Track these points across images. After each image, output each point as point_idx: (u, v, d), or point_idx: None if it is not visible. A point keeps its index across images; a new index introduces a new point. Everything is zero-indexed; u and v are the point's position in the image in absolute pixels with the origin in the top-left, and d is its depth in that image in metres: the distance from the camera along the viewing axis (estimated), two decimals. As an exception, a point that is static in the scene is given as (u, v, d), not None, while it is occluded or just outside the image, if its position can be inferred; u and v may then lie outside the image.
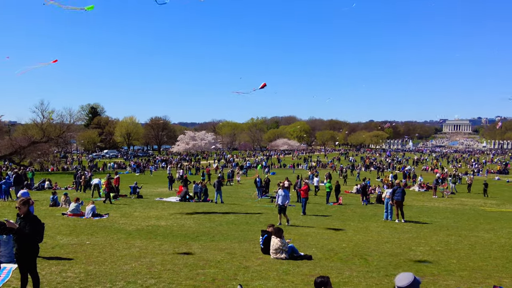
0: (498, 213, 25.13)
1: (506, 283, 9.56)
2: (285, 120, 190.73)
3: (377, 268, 10.46)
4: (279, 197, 18.43)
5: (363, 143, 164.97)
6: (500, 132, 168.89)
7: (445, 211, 25.35)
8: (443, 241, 14.95)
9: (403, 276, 4.30)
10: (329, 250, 12.71)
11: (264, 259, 11.17)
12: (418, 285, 4.25)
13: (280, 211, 18.33)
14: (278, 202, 18.50)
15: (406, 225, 18.90)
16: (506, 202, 32.55)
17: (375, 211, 23.94)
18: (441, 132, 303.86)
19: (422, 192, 39.68)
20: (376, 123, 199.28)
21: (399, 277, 4.30)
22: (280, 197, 18.39)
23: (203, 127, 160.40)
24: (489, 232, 17.37)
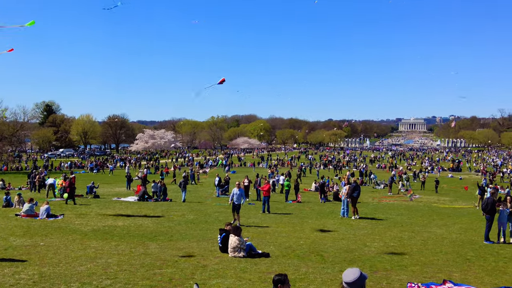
0: (451, 210, 26.03)
1: (456, 277, 9.97)
2: (245, 119, 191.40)
3: (332, 264, 10.71)
4: (234, 196, 18.34)
5: (322, 142, 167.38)
6: (454, 131, 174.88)
7: (399, 207, 26.09)
8: (397, 237, 15.41)
9: (350, 272, 4.41)
10: (287, 247, 12.90)
11: (222, 258, 11.23)
12: (364, 280, 4.37)
13: (234, 209, 18.24)
14: (233, 201, 18.37)
15: (361, 221, 19.35)
16: (459, 198, 33.74)
17: (333, 209, 24.38)
18: (397, 131, 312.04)
19: (378, 189, 40.64)
20: (335, 122, 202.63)
21: (346, 273, 4.42)
22: (235, 196, 18.31)
23: (162, 126, 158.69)
24: (441, 228, 18.00)
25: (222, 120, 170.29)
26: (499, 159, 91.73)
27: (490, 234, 15.05)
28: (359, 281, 4.31)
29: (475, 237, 15.84)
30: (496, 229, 15.27)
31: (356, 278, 4.31)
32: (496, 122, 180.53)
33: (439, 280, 9.50)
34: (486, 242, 14.75)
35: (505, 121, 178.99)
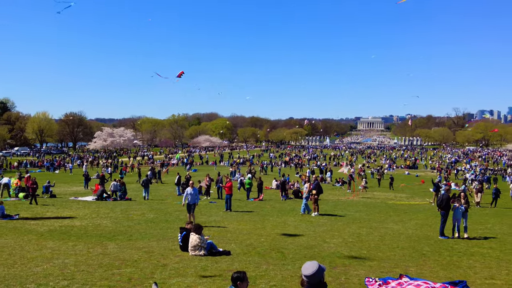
0: (407, 206, 26.73)
1: (412, 272, 10.24)
2: (207, 117, 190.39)
3: (292, 261, 10.81)
4: (189, 196, 17.43)
5: (284, 140, 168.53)
6: (410, 129, 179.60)
7: (358, 204, 26.58)
8: (355, 233, 15.70)
9: (309, 265, 4.52)
10: (248, 245, 12.92)
11: (183, 257, 11.14)
12: (322, 272, 4.51)
13: (190, 210, 17.45)
14: (188, 201, 17.45)
15: (321, 218, 19.61)
16: (415, 195, 34.68)
17: (293, 206, 24.59)
18: (356, 130, 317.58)
19: (338, 186, 41.27)
20: (296, 120, 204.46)
21: (305, 266, 4.53)
22: (189, 196, 17.43)
23: (122, 124, 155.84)
24: (397, 224, 18.45)
25: (183, 118, 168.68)
26: (454, 156, 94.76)
27: (445, 230, 15.55)
28: (317, 274, 4.43)
29: (430, 232, 16.32)
30: (450, 224, 15.79)
31: (314, 271, 4.42)
32: (451, 121, 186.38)
33: (395, 274, 9.72)
34: (441, 237, 15.22)
35: (460, 120, 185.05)
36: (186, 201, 17.48)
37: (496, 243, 14.50)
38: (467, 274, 10.15)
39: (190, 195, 17.45)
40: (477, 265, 11.14)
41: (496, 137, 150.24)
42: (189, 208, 17.45)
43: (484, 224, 19.15)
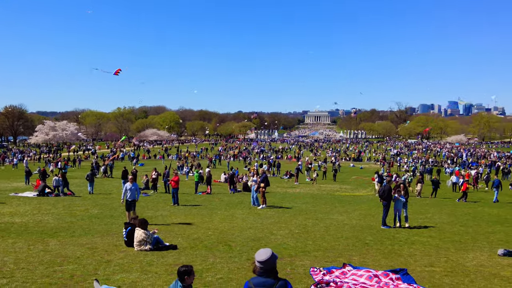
0: (351, 197, 27.43)
1: (355, 261, 10.53)
2: (154, 110, 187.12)
3: (239, 253, 10.85)
4: (128, 192, 15.68)
5: (232, 133, 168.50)
6: (355, 123, 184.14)
7: (305, 196, 27.02)
8: (302, 224, 15.95)
9: (263, 251, 4.65)
10: (195, 238, 12.84)
11: (128, 252, 10.94)
12: (275, 259, 4.65)
13: (129, 207, 15.74)
14: (126, 198, 15.68)
15: (269, 210, 19.79)
16: (359, 187, 35.62)
17: (242, 199, 24.68)
18: (303, 123, 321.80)
19: (286, 179, 41.76)
20: (244, 114, 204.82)
21: (259, 252, 4.66)
22: (128, 192, 15.67)
23: (64, 117, 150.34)
24: (342, 215, 18.91)
25: (129, 111, 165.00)
26: (396, 149, 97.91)
27: (387, 219, 16.07)
28: (271, 260, 4.57)
29: (373, 222, 16.83)
30: (392, 214, 16.34)
31: (268, 257, 4.56)
32: (393, 115, 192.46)
33: (339, 264, 9.98)
34: (383, 227, 15.73)
35: (402, 113, 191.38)
36: (125, 198, 15.77)
37: (436, 231, 15.14)
38: (408, 262, 10.54)
39: (130, 191, 15.74)
40: (417, 253, 11.59)
41: (436, 130, 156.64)
42: (128, 205, 15.76)
43: (425, 214, 19.95)
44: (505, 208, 23.52)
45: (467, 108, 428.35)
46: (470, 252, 11.80)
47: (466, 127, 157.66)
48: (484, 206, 24.14)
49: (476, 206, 23.97)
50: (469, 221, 18.04)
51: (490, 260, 10.93)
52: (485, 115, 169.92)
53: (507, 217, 19.48)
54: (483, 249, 12.26)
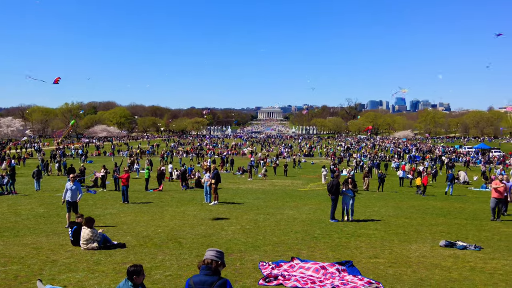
0: (303, 192, 27.84)
1: (303, 254, 10.74)
2: (103, 106, 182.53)
3: (189, 250, 10.84)
4: (68, 192, 14.83)
5: (185, 129, 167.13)
6: (307, 119, 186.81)
7: (257, 192, 27.22)
8: (253, 219, 16.07)
9: (211, 249, 4.88)
10: (144, 236, 12.70)
11: (74, 251, 10.70)
12: (223, 255, 4.88)
13: (69, 208, 14.84)
14: (66, 198, 14.85)
15: (221, 206, 19.80)
16: (310, 182, 36.18)
17: (194, 195, 24.57)
18: (256, 119, 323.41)
19: (238, 175, 41.87)
20: (197, 109, 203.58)
21: (208, 250, 4.87)
22: (69, 192, 14.83)
23: (9, 113, 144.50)
24: (293, 209, 19.19)
25: (77, 107, 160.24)
26: (346, 144, 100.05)
27: (335, 213, 16.45)
28: (220, 254, 4.81)
29: (322, 216, 17.19)
30: (340, 208, 16.73)
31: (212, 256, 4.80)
32: (344, 111, 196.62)
33: (288, 257, 10.16)
34: (331, 220, 16.09)
35: (352, 110, 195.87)
36: (65, 199, 14.95)
37: (382, 224, 15.63)
38: (354, 254, 10.86)
39: (70, 191, 14.88)
40: (363, 245, 11.95)
41: (385, 126, 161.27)
42: (69, 206, 14.86)
43: (371, 207, 20.54)
44: (449, 201, 24.55)
45: (414, 104, 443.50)
46: (413, 244, 12.27)
47: (412, 123, 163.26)
48: (429, 199, 25.09)
49: (422, 199, 24.88)
50: (413, 213, 18.71)
51: (432, 251, 11.40)
52: (431, 111, 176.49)
53: (449, 210, 20.34)
54: (426, 241, 12.77)
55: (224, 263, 4.84)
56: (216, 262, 4.71)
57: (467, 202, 24.17)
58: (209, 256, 4.74)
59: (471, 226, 15.69)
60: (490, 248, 11.94)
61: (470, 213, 19.37)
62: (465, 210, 20.27)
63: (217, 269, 4.70)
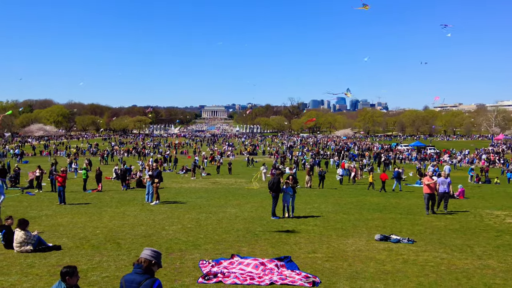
0: (246, 190, 28.01)
1: (244, 251, 10.86)
2: (40, 104, 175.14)
3: (128, 251, 10.68)
4: None
5: (127, 128, 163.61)
6: (251, 118, 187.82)
7: (200, 191, 27.12)
8: (195, 218, 16.03)
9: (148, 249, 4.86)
10: (81, 238, 12.38)
11: (7, 254, 10.29)
12: (160, 255, 4.88)
13: None
14: None
15: (162, 206, 19.59)
16: (254, 180, 36.38)
17: (135, 196, 24.14)
18: (200, 118, 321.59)
19: (181, 174, 41.51)
20: (139, 108, 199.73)
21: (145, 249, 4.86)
22: None
23: None
24: (235, 208, 19.29)
25: (12, 105, 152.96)
26: (289, 142, 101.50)
27: (276, 210, 16.70)
28: (156, 254, 4.79)
29: (264, 214, 17.40)
30: (282, 205, 17.01)
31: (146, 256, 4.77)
32: (287, 110, 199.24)
33: (228, 255, 10.24)
34: (273, 217, 16.32)
35: (294, 109, 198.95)
36: None
37: (321, 220, 16.04)
38: (293, 250, 11.10)
39: None
40: (302, 241, 12.23)
41: (326, 124, 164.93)
42: None
43: (312, 204, 21.00)
44: (385, 196, 25.47)
45: (354, 104, 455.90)
46: (350, 238, 12.69)
47: (352, 122, 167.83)
48: (367, 195, 25.94)
49: (359, 195, 25.69)
50: (351, 209, 19.31)
51: (367, 245, 11.85)
52: (370, 110, 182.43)
53: (385, 205, 21.13)
54: (362, 235, 13.23)
55: (159, 264, 4.83)
56: (149, 261, 4.69)
57: (402, 197, 25.20)
58: (143, 255, 4.73)
59: (405, 220, 16.40)
60: (422, 241, 12.54)
61: (405, 208, 20.22)
62: (400, 205, 21.14)
63: (149, 269, 4.68)
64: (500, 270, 9.46)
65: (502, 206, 21.00)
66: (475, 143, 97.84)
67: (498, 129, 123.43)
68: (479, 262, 10.18)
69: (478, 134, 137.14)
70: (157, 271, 4.83)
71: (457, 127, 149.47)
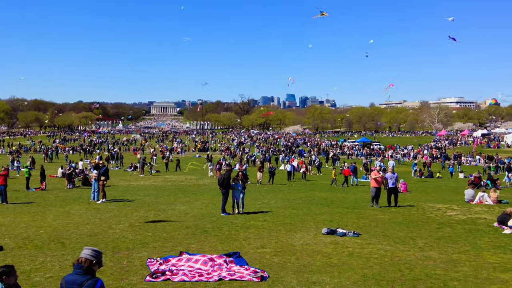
0: (196, 187, 27.87)
1: (193, 248, 10.83)
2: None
3: (73, 250, 10.42)
4: None
5: (72, 125, 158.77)
6: (201, 114, 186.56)
7: (149, 188, 26.74)
8: (143, 216, 15.81)
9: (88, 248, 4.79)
10: (24, 238, 11.96)
11: None
12: (101, 254, 4.81)
13: None
14: None
15: (109, 204, 19.18)
16: (204, 176, 36.25)
17: (80, 194, 23.52)
18: (149, 114, 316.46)
19: (129, 171, 40.76)
20: (85, 104, 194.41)
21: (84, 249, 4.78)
22: None
23: None
24: (185, 205, 19.18)
25: None
26: (240, 139, 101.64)
27: (226, 207, 16.75)
28: (96, 253, 4.73)
29: (214, 210, 17.40)
30: (232, 202, 17.06)
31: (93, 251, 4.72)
32: (237, 106, 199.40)
33: (177, 252, 10.18)
34: (223, 214, 16.37)
35: (245, 105, 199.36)
36: None
37: (270, 216, 16.21)
38: (242, 246, 11.17)
39: None
40: (251, 236, 12.33)
41: (276, 121, 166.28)
42: None
43: (262, 200, 21.19)
44: (333, 191, 26.07)
45: (303, 101, 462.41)
46: (298, 233, 12.91)
47: (302, 118, 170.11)
48: (315, 191, 26.44)
49: (308, 191, 26.14)
50: (300, 204, 19.64)
51: (315, 239, 12.10)
52: (318, 107, 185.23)
53: (333, 200, 21.63)
54: (310, 229, 13.49)
55: (100, 263, 4.77)
56: (90, 261, 4.63)
57: (349, 192, 25.86)
58: (83, 255, 4.66)
59: (351, 214, 16.84)
60: (367, 234, 12.93)
61: (351, 202, 20.77)
62: (347, 200, 21.69)
63: (90, 269, 4.62)
64: (441, 261, 9.89)
65: (443, 200, 21.96)
66: (419, 139, 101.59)
67: (440, 125, 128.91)
68: (421, 253, 10.61)
69: (422, 130, 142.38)
70: (98, 270, 4.77)
71: (401, 123, 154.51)
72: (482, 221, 15.50)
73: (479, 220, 15.79)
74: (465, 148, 76.71)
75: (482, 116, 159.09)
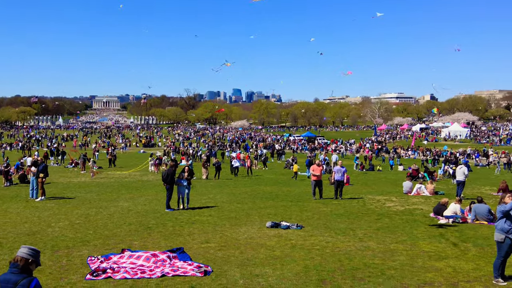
0: (140, 183, 27.41)
1: (136, 245, 10.71)
2: None
3: (10, 250, 10.03)
4: None
5: (10, 120, 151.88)
6: (145, 108, 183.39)
7: (90, 185, 26.03)
8: (84, 214, 15.40)
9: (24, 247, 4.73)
10: (-45, 239, 11.38)
11: None
12: (38, 253, 4.73)
13: None
14: None
15: (48, 202, 18.52)
16: (148, 172, 35.69)
17: (18, 192, 22.58)
18: (91, 108, 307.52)
19: (70, 168, 39.53)
20: (23, 98, 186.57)
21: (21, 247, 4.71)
22: None
23: None
24: (128, 201, 18.83)
25: None
26: (185, 134, 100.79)
27: (171, 202, 16.61)
28: (33, 252, 4.65)
29: (158, 206, 17.21)
30: (176, 197, 16.94)
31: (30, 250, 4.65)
32: (183, 101, 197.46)
33: (119, 250, 10.02)
34: (167, 210, 16.22)
35: (191, 100, 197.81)
36: None
37: (216, 210, 16.24)
38: (186, 241, 11.16)
39: None
40: (196, 232, 12.33)
41: (223, 116, 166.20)
42: None
43: (207, 195, 21.16)
44: (278, 185, 26.40)
45: (249, 95, 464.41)
46: (243, 227, 13.04)
47: (248, 113, 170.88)
48: (260, 184, 26.68)
49: (253, 185, 26.33)
50: (245, 198, 19.78)
51: (259, 232, 12.26)
52: (264, 102, 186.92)
53: (278, 193, 21.92)
54: (254, 223, 13.65)
55: (38, 262, 4.69)
56: (26, 260, 4.53)
57: (293, 186, 26.28)
58: (19, 254, 4.56)
59: (295, 207, 17.17)
60: (310, 226, 13.26)
61: (295, 195, 21.14)
62: (291, 193, 22.06)
63: (26, 268, 4.52)
64: (379, 251, 10.30)
65: (383, 192, 22.80)
66: (360, 133, 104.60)
67: (381, 120, 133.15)
68: (360, 244, 11.00)
69: (363, 125, 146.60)
70: (36, 269, 4.67)
71: (344, 118, 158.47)
72: (419, 212, 16.25)
73: (416, 211, 16.55)
74: (404, 142, 79.73)
75: (420, 111, 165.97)
